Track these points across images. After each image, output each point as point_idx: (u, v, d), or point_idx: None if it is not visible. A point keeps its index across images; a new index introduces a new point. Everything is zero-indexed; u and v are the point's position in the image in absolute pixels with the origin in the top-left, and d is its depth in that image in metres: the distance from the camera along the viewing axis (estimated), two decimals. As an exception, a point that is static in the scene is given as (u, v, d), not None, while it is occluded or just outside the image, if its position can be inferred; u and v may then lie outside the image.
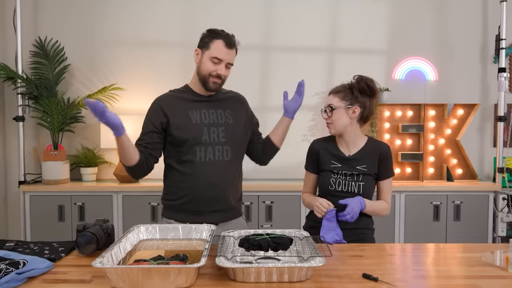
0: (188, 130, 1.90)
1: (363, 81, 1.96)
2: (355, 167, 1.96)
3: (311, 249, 1.46)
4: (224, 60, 1.90)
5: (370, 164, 1.96)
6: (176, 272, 1.26)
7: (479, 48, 3.84)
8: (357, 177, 1.95)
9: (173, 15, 3.77)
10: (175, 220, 1.93)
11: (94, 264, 1.27)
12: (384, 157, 1.98)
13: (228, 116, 1.98)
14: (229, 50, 1.90)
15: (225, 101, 2.02)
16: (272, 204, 3.43)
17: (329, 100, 2.01)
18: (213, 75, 1.90)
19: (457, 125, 3.72)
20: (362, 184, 1.94)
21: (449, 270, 1.50)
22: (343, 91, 1.98)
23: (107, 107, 1.65)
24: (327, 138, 2.10)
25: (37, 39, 3.72)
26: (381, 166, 1.98)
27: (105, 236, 1.67)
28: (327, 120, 2.01)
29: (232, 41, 1.91)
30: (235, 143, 1.97)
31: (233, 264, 1.34)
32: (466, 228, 3.45)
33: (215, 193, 1.91)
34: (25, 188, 3.44)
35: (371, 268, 1.48)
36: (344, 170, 1.97)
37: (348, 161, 1.98)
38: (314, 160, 2.06)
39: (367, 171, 1.96)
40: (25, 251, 1.62)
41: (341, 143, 2.03)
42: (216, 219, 1.91)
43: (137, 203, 3.41)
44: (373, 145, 2.01)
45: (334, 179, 1.96)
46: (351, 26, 3.82)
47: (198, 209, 1.92)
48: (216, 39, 1.89)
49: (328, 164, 2.00)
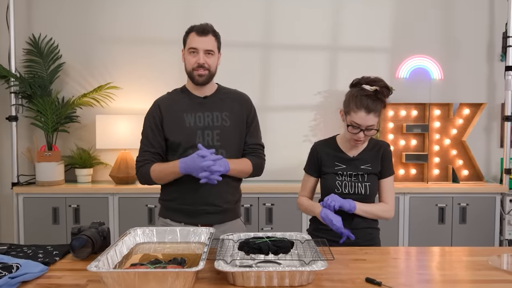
0: (181, 134, 1.94)
1: (386, 88, 1.90)
2: (359, 167, 1.97)
3: (313, 253, 1.46)
4: (199, 48, 1.91)
5: (373, 163, 1.98)
6: (173, 276, 1.26)
7: (486, 45, 3.84)
8: (362, 178, 1.96)
9: (171, 11, 3.77)
10: (171, 220, 1.98)
11: (90, 268, 1.27)
12: (385, 154, 2.00)
13: (225, 118, 1.98)
14: (202, 37, 1.92)
15: (224, 102, 2.01)
16: (273, 207, 3.43)
17: (368, 120, 1.85)
18: (195, 67, 1.93)
19: (463, 125, 3.72)
20: (368, 185, 1.95)
21: (455, 274, 1.50)
22: (378, 106, 1.87)
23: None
24: (329, 139, 2.09)
25: (31, 36, 3.72)
26: (382, 164, 1.99)
27: (101, 239, 1.67)
28: (360, 138, 1.90)
29: (204, 28, 1.93)
30: (230, 146, 1.97)
31: (232, 268, 1.34)
32: (472, 231, 3.45)
33: (209, 196, 1.93)
34: (18, 189, 3.44)
35: (374, 272, 1.48)
36: (349, 171, 1.97)
37: (352, 162, 1.98)
38: (316, 163, 2.05)
39: (372, 170, 1.97)
40: (18, 255, 1.62)
41: (345, 145, 2.02)
42: (211, 221, 1.93)
43: (134, 205, 3.41)
44: (374, 144, 2.03)
45: (339, 181, 1.96)
46: (354, 23, 3.82)
47: (192, 210, 1.94)
48: (190, 32, 1.95)
49: (331, 166, 1.99)
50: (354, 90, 1.92)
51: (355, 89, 1.91)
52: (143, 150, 2.00)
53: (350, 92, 1.93)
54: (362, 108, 1.84)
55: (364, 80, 1.92)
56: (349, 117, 1.88)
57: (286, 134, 3.78)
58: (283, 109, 3.80)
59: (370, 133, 1.89)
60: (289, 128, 3.79)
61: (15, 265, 1.40)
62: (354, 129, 1.88)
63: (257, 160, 2.03)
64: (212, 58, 1.94)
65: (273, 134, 3.75)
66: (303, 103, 3.80)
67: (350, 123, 1.88)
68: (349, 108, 1.89)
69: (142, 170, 1.97)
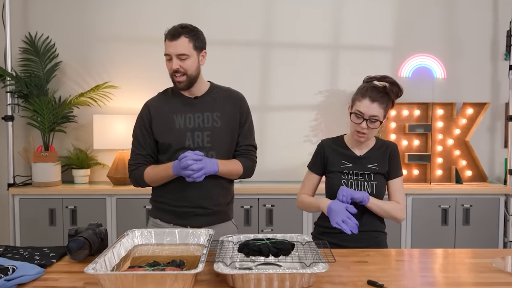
0: (171, 136, 1.94)
1: (396, 86, 1.93)
2: (366, 166, 1.97)
3: (314, 255, 1.46)
4: (171, 53, 1.89)
5: (380, 163, 1.98)
6: (172, 279, 1.26)
7: (489, 44, 3.84)
8: (369, 177, 1.96)
9: (170, 10, 3.77)
10: (161, 220, 2.00)
11: (87, 271, 1.27)
12: (393, 155, 2.00)
13: (216, 119, 1.97)
14: (173, 42, 1.88)
15: (215, 102, 2.00)
16: (273, 208, 3.43)
17: (371, 109, 1.87)
18: (171, 73, 1.92)
19: (467, 125, 3.72)
20: (375, 184, 1.95)
21: (458, 276, 1.50)
22: (384, 99, 1.90)
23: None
24: (336, 138, 2.10)
25: (27, 35, 3.72)
26: (390, 164, 1.99)
27: (98, 241, 1.67)
28: (363, 129, 1.90)
29: (174, 33, 1.88)
30: (221, 148, 1.97)
31: (232, 271, 1.34)
32: (476, 232, 3.45)
33: (199, 198, 1.94)
34: (14, 190, 3.44)
35: (376, 274, 1.48)
36: (355, 170, 1.97)
37: (359, 160, 1.99)
38: (321, 161, 2.04)
39: (379, 170, 1.97)
40: (14, 257, 1.62)
41: (353, 143, 2.02)
42: (199, 223, 1.94)
43: (132, 206, 3.41)
44: (382, 144, 2.04)
45: (345, 180, 1.96)
46: (355, 21, 3.82)
47: (182, 212, 1.96)
48: (165, 38, 1.93)
49: (338, 164, 1.99)
50: (364, 83, 1.97)
51: (364, 84, 1.97)
52: (134, 153, 2.00)
53: (360, 86, 1.97)
54: (367, 96, 1.88)
55: (376, 78, 1.96)
56: (354, 107, 1.91)
57: (286, 134, 3.78)
58: (284, 109, 3.80)
59: (373, 125, 1.89)
60: (290, 128, 3.78)
61: (11, 267, 1.40)
62: (358, 118, 1.89)
63: (248, 163, 2.03)
64: (187, 61, 1.89)
65: (273, 134, 3.75)
66: (303, 102, 3.80)
67: (355, 112, 1.90)
68: (354, 98, 1.93)
69: (135, 173, 1.98)
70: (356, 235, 1.83)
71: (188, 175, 1.80)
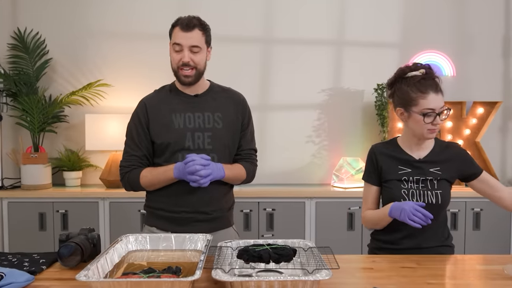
0: (169, 135, 1.91)
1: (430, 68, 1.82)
2: (427, 171, 1.85)
3: (317, 261, 1.46)
4: (184, 44, 1.88)
5: (444, 166, 1.86)
6: (168, 286, 1.26)
7: (501, 40, 3.85)
8: (432, 184, 1.84)
9: (166, 5, 3.78)
10: (157, 228, 1.96)
11: (79, 278, 1.27)
12: (463, 155, 1.90)
13: (217, 120, 1.96)
14: (186, 33, 1.88)
15: (216, 102, 1.99)
16: (274, 212, 3.43)
17: (439, 101, 1.76)
18: (180, 65, 1.91)
19: (477, 125, 3.73)
20: (440, 193, 1.82)
21: (468, 284, 1.50)
22: (439, 85, 1.80)
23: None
24: (389, 141, 1.97)
25: (16, 30, 3.73)
26: (465, 166, 1.89)
27: (91, 246, 1.67)
28: (438, 123, 1.78)
29: (188, 23, 1.88)
30: (222, 150, 1.96)
31: (231, 278, 1.34)
32: (487, 237, 3.45)
33: (199, 202, 1.92)
34: (2, 194, 3.44)
35: (382, 281, 1.48)
36: (415, 176, 1.85)
37: (419, 164, 1.86)
38: (376, 168, 1.91)
39: (442, 175, 1.84)
40: (2, 263, 1.62)
41: (410, 147, 1.90)
42: (200, 229, 1.88)
43: (126, 210, 3.41)
44: (441, 144, 1.92)
45: (405, 190, 1.83)
46: (360, 16, 3.83)
47: (180, 218, 1.92)
48: (174, 27, 1.93)
49: (394, 171, 1.87)
50: (402, 82, 1.82)
51: (404, 81, 1.82)
52: (128, 154, 1.96)
53: (399, 87, 1.83)
54: (429, 89, 1.76)
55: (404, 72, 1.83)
56: (419, 107, 1.77)
57: (287, 134, 3.78)
58: (285, 108, 3.80)
59: (443, 116, 1.78)
60: (291, 128, 3.79)
61: (-1, 274, 1.40)
62: (430, 117, 1.76)
63: (250, 167, 2.03)
64: (199, 55, 1.90)
65: (273, 134, 3.75)
66: (306, 101, 3.81)
67: (423, 112, 1.76)
68: (413, 98, 1.78)
69: (129, 176, 1.94)
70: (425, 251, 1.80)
71: (195, 180, 1.79)
